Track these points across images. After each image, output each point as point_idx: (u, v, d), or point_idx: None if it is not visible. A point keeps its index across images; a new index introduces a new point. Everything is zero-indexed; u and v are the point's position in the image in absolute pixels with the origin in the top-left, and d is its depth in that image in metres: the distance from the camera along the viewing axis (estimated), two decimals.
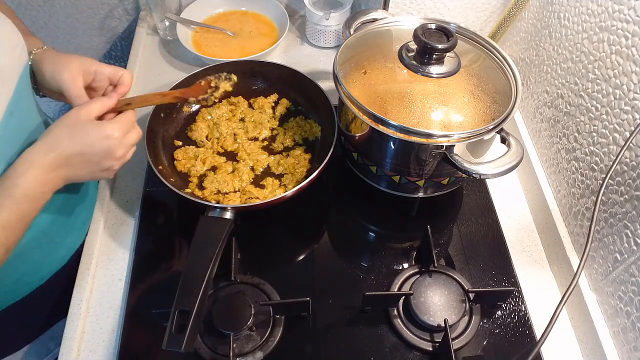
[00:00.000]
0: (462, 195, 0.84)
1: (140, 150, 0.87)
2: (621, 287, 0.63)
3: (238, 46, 1.02)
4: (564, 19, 0.75)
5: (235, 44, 1.02)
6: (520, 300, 0.71)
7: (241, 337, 0.64)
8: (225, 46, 1.02)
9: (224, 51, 1.01)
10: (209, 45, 1.02)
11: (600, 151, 0.67)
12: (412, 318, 0.67)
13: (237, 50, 1.01)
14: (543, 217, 0.79)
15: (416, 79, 0.66)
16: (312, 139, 0.83)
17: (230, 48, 1.02)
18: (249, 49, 1.01)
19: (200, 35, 1.04)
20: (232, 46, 1.02)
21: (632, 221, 0.61)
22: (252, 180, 0.77)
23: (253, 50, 1.00)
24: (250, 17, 1.09)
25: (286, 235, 0.78)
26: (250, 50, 1.00)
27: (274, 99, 0.88)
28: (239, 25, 1.06)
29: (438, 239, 0.78)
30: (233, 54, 1.00)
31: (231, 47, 1.02)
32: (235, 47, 1.02)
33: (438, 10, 0.95)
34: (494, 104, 0.66)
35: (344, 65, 0.70)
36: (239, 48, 1.02)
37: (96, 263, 0.73)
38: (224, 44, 1.02)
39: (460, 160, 0.63)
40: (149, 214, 0.78)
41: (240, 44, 1.02)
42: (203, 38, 1.04)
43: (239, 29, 1.05)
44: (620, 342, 0.63)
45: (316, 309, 0.68)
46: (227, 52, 1.01)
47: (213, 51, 1.01)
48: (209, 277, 0.60)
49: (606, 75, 0.65)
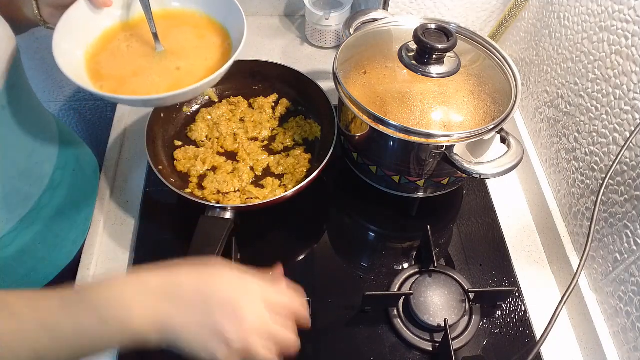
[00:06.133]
0: (462, 195, 0.84)
1: (140, 150, 0.87)
2: (621, 287, 0.63)
3: (170, 69, 0.59)
4: (564, 19, 0.75)
5: (166, 66, 0.60)
6: (520, 300, 0.71)
7: None
8: (148, 73, 0.59)
9: (145, 81, 0.58)
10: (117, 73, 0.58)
11: (600, 151, 0.67)
12: (412, 318, 0.67)
13: (170, 75, 0.59)
14: (543, 217, 0.79)
15: (416, 79, 0.66)
16: (312, 139, 0.83)
17: (158, 74, 0.59)
18: (190, 69, 0.60)
19: (97, 56, 0.60)
20: (160, 71, 0.59)
21: (632, 221, 0.61)
22: (252, 180, 0.77)
23: (197, 71, 0.59)
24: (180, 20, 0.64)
25: (286, 235, 0.78)
26: (193, 72, 0.59)
27: (274, 99, 0.88)
28: (166, 34, 0.62)
29: (438, 239, 0.78)
30: (164, 84, 0.58)
31: (160, 73, 0.59)
32: (166, 71, 0.59)
33: (438, 10, 0.95)
34: (494, 104, 0.66)
35: (344, 65, 0.70)
36: (172, 71, 0.59)
37: (96, 263, 0.73)
38: (145, 70, 0.59)
39: (460, 160, 0.63)
40: (149, 214, 0.78)
41: (173, 64, 0.60)
42: (104, 60, 0.59)
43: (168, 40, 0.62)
44: (620, 342, 0.63)
45: (316, 309, 0.68)
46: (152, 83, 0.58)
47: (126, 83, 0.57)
48: None
49: (606, 75, 0.65)
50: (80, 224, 0.75)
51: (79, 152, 0.76)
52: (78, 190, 0.73)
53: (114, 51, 0.61)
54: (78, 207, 0.73)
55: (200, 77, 0.56)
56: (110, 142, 0.88)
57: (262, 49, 1.07)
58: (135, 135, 0.89)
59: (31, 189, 0.63)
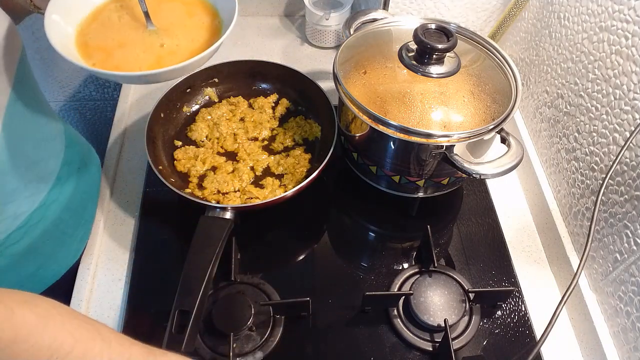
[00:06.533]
0: (462, 195, 0.84)
1: (140, 150, 0.87)
2: (621, 287, 0.63)
3: (154, 45, 0.60)
4: (564, 19, 0.75)
5: (151, 42, 0.60)
6: (520, 300, 0.71)
7: (241, 337, 0.64)
8: (132, 46, 0.60)
9: (129, 54, 0.59)
10: (103, 44, 0.59)
11: (600, 151, 0.67)
12: (412, 318, 0.67)
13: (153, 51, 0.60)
14: (543, 217, 0.79)
15: (416, 79, 0.66)
16: (312, 139, 0.83)
17: (142, 49, 0.60)
18: (174, 49, 0.60)
19: (86, 26, 0.61)
20: (145, 46, 0.60)
21: (632, 221, 0.61)
22: (252, 180, 0.77)
23: (181, 52, 0.60)
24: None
25: (286, 235, 0.78)
26: (177, 52, 0.59)
27: (274, 99, 0.88)
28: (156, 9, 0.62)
29: (438, 239, 0.78)
30: (146, 60, 0.58)
31: (144, 48, 0.60)
32: (150, 47, 0.60)
33: (438, 10, 0.95)
34: (494, 104, 0.66)
35: (344, 65, 0.70)
36: (156, 48, 0.60)
37: (96, 263, 0.73)
38: (131, 42, 0.60)
39: (460, 160, 0.63)
40: (149, 214, 0.78)
41: (158, 41, 0.60)
42: (92, 30, 0.60)
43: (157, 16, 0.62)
44: (620, 342, 0.63)
45: (316, 309, 0.68)
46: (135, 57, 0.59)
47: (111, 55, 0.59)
48: (209, 277, 0.60)
49: (606, 75, 0.65)
50: (86, 222, 0.75)
51: (83, 150, 0.76)
52: (83, 188, 0.73)
53: (104, 21, 0.61)
54: (83, 204, 0.73)
55: (183, 58, 0.56)
56: (110, 142, 0.88)
57: (262, 49, 1.07)
58: (135, 135, 0.89)
59: (39, 184, 0.64)
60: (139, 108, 0.94)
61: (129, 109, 0.94)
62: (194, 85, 0.85)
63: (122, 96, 0.96)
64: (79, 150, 0.74)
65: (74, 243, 0.72)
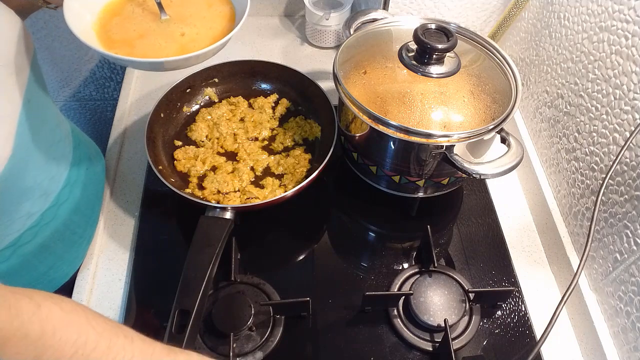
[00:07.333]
0: (462, 195, 0.84)
1: (140, 150, 0.87)
2: (621, 287, 0.63)
3: (175, 34, 0.63)
4: (564, 19, 0.75)
5: (171, 31, 0.63)
6: (520, 300, 0.71)
7: (241, 337, 0.64)
8: (153, 36, 0.62)
9: (151, 44, 0.62)
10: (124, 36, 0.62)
11: (600, 151, 0.67)
12: (412, 318, 0.67)
13: (175, 40, 0.62)
14: (543, 217, 0.79)
15: (416, 79, 0.66)
16: (312, 139, 0.83)
17: (164, 39, 0.62)
18: (195, 37, 0.63)
19: (106, 21, 0.64)
20: (166, 36, 0.63)
21: (632, 221, 0.61)
22: (252, 180, 0.77)
23: (202, 39, 0.63)
24: None
25: (286, 235, 0.78)
26: (197, 40, 0.63)
27: (274, 99, 0.88)
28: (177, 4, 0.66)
29: (438, 239, 0.78)
30: (169, 48, 0.61)
31: (165, 37, 0.63)
32: (171, 36, 0.63)
33: (438, 10, 0.95)
34: (494, 104, 0.66)
35: (344, 65, 0.70)
36: (177, 37, 0.63)
37: (96, 263, 0.73)
38: (151, 33, 0.63)
39: (460, 160, 0.63)
40: (149, 214, 0.78)
41: (178, 30, 0.64)
42: (113, 25, 0.64)
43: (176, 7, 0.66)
44: (620, 342, 0.63)
45: (316, 309, 0.68)
46: (159, 47, 0.61)
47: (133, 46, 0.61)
48: (209, 277, 0.60)
49: (606, 75, 0.65)
50: (93, 223, 0.75)
51: (89, 150, 0.77)
52: (91, 188, 0.74)
53: (126, 16, 0.64)
54: (91, 205, 0.74)
55: (205, 45, 0.59)
56: (110, 142, 0.88)
57: (262, 49, 1.07)
58: (135, 135, 0.89)
59: (50, 184, 0.64)
60: (139, 108, 0.94)
61: (129, 109, 0.94)
62: (194, 85, 0.85)
63: (122, 96, 0.96)
64: (86, 151, 0.75)
65: (83, 243, 0.73)
